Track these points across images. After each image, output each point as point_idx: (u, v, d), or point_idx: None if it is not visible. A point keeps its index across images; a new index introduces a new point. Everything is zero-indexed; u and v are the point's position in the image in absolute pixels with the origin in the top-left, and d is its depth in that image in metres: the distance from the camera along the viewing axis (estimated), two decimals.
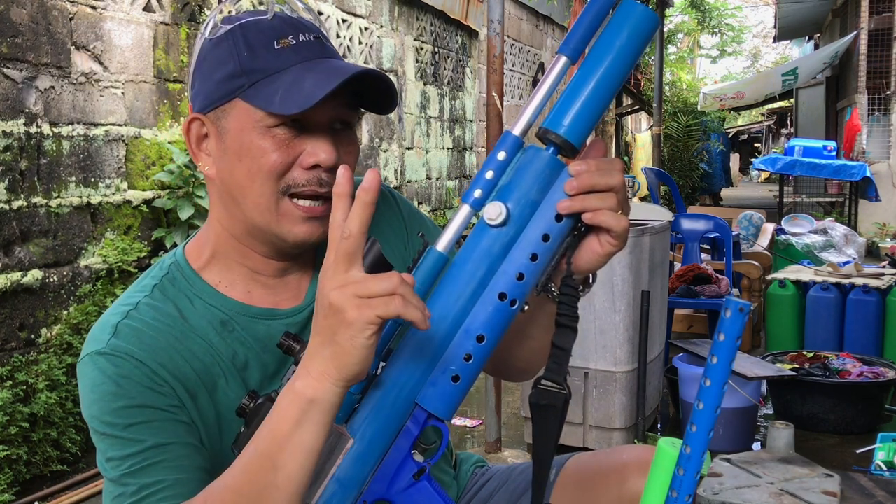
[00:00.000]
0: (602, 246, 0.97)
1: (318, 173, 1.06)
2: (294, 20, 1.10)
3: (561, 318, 0.96)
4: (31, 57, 3.25)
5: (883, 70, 11.29)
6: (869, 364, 3.79)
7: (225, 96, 1.07)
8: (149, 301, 1.10)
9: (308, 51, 1.07)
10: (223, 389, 1.09)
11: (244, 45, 1.06)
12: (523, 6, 9.78)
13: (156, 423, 1.01)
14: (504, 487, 1.35)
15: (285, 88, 1.03)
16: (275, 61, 1.05)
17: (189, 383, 1.06)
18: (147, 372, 1.03)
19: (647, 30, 0.93)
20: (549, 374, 0.94)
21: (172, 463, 1.00)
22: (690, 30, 22.72)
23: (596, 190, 0.93)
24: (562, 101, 0.94)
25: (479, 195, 0.92)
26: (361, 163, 6.11)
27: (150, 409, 1.02)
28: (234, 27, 1.08)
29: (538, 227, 0.93)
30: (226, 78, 1.06)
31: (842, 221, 8.59)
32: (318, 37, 1.09)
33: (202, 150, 1.12)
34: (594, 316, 3.21)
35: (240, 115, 1.06)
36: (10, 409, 2.99)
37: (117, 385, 1.02)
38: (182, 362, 1.06)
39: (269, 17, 1.08)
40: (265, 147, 1.05)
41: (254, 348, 1.12)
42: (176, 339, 1.07)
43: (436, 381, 0.91)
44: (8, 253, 3.15)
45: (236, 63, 1.06)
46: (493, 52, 3.18)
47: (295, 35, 1.07)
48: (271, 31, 1.07)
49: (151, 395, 1.02)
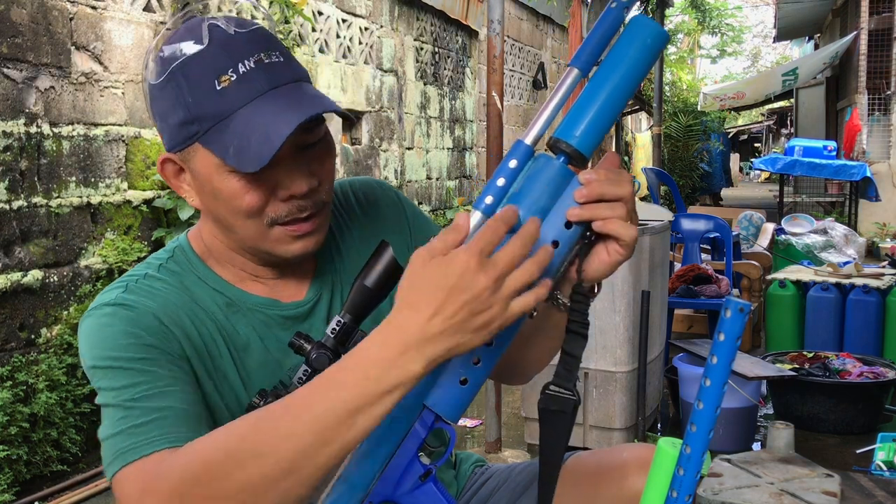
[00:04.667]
0: (610, 255, 0.97)
1: (296, 203, 1.06)
2: (232, 41, 1.03)
3: (572, 325, 0.96)
4: (31, 57, 3.25)
5: (883, 70, 11.29)
6: (869, 364, 3.79)
7: (184, 141, 1.05)
8: (155, 275, 1.11)
9: (250, 85, 1.02)
10: (221, 364, 1.09)
11: (187, 90, 1.02)
12: (523, 6, 9.78)
13: (164, 362, 1.01)
14: (504, 487, 1.35)
15: (237, 142, 1.01)
16: (220, 104, 1.01)
17: (195, 343, 1.07)
18: (157, 323, 1.04)
19: (657, 45, 0.96)
20: (558, 380, 0.94)
21: (180, 396, 0.98)
22: (690, 30, 22.73)
23: (605, 199, 0.94)
24: (573, 112, 0.96)
25: (490, 201, 0.93)
26: (361, 163, 6.11)
27: (159, 350, 1.02)
28: (173, 69, 1.03)
29: (548, 234, 0.94)
30: (179, 124, 1.04)
31: (842, 221, 8.58)
32: (259, 57, 1.03)
33: (182, 183, 1.11)
34: (594, 316, 3.21)
35: (204, 159, 1.05)
36: (10, 409, 2.99)
37: (127, 326, 1.02)
38: (189, 324, 1.07)
39: (204, 46, 1.02)
40: (236, 190, 1.04)
41: (255, 332, 1.13)
42: (185, 304, 1.08)
43: (444, 383, 0.92)
44: (8, 253, 3.15)
45: (185, 110, 1.03)
46: (493, 52, 3.18)
47: (234, 65, 1.02)
48: (210, 68, 1.02)
49: (161, 341, 1.03)
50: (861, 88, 11.31)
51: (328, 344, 0.99)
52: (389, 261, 0.98)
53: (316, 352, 0.97)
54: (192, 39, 1.03)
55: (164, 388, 0.98)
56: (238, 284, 1.15)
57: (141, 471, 0.90)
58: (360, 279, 1.01)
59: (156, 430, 0.94)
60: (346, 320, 1.00)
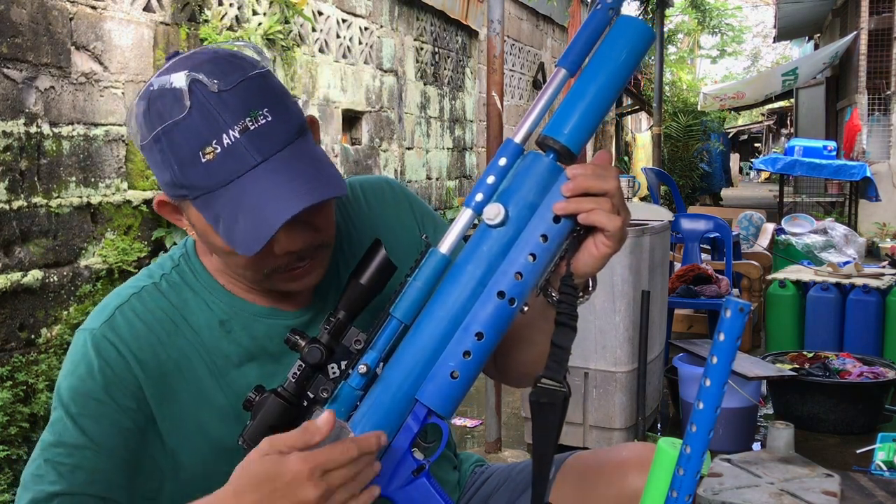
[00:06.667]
0: (598, 248, 0.99)
1: (294, 255, 1.06)
2: (214, 105, 0.97)
3: (560, 317, 0.97)
4: (31, 57, 3.25)
5: (883, 70, 11.29)
6: (869, 364, 3.79)
7: (177, 198, 1.05)
8: (153, 289, 1.13)
9: (235, 162, 0.97)
10: (207, 385, 1.11)
11: (172, 157, 0.99)
12: (523, 6, 9.78)
13: (104, 420, 1.05)
14: (504, 486, 1.35)
15: (226, 219, 0.98)
16: (206, 178, 0.98)
17: (165, 378, 1.09)
18: (123, 365, 1.08)
19: (643, 43, 0.98)
20: (548, 373, 0.95)
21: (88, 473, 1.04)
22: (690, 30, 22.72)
23: (591, 193, 0.96)
24: (561, 110, 0.98)
25: (480, 199, 0.96)
26: (361, 163, 6.11)
27: (106, 405, 1.06)
28: (157, 133, 0.99)
29: (537, 228, 0.96)
30: (170, 184, 1.02)
31: (842, 221, 8.58)
32: (244, 125, 0.97)
33: (181, 219, 1.10)
34: (594, 316, 3.21)
35: (197, 216, 1.04)
36: (10, 409, 2.99)
37: (90, 371, 1.08)
38: (164, 358, 1.10)
39: (185, 112, 0.97)
40: (230, 250, 1.02)
41: (248, 349, 1.13)
42: (167, 334, 1.11)
43: (435, 377, 0.93)
44: (8, 253, 3.15)
45: (172, 174, 1.00)
46: (493, 52, 3.18)
47: (218, 137, 0.97)
48: (193, 138, 0.97)
49: (116, 389, 1.07)
50: (861, 88, 11.30)
51: (322, 339, 0.99)
52: (382, 259, 0.99)
53: (309, 346, 0.98)
54: (174, 99, 0.98)
55: (78, 458, 1.03)
56: (240, 294, 1.15)
57: None
58: (354, 276, 1.01)
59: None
60: (340, 316, 1.01)
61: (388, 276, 1.01)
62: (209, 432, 1.10)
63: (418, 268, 0.96)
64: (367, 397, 0.94)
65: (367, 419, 0.93)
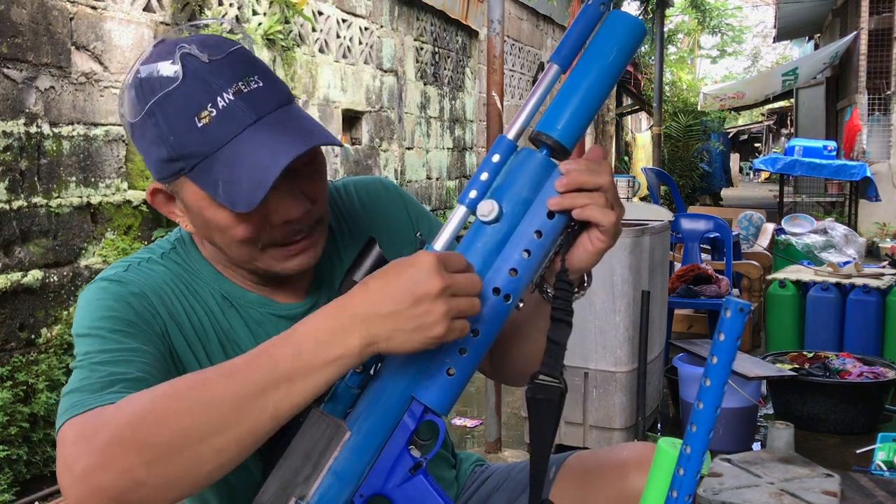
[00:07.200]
0: (593, 243, 0.99)
1: (291, 226, 1.06)
2: (207, 71, 1.00)
3: (556, 313, 0.97)
4: (31, 57, 3.25)
5: (883, 70, 11.29)
6: (869, 364, 3.79)
7: (171, 176, 1.04)
8: (158, 260, 1.14)
9: (232, 121, 0.99)
10: (215, 349, 1.11)
11: (167, 128, 1.00)
12: (523, 6, 9.78)
13: (140, 336, 1.03)
14: (504, 486, 1.35)
15: (225, 179, 0.99)
16: (203, 142, 0.99)
17: (182, 328, 1.09)
18: (146, 302, 1.07)
19: (635, 38, 0.98)
20: (544, 369, 0.95)
21: (142, 366, 1.00)
22: (690, 30, 22.74)
23: (585, 188, 0.96)
24: (554, 105, 0.98)
25: (474, 196, 0.96)
26: (361, 163, 6.11)
27: (138, 326, 1.04)
28: (151, 106, 1.00)
29: (531, 224, 0.96)
30: (164, 161, 1.02)
31: (842, 221, 8.58)
32: (238, 87, 1.00)
33: (174, 210, 1.10)
34: (594, 316, 3.21)
35: (192, 192, 1.04)
36: (10, 409, 2.99)
37: (113, 301, 1.05)
38: (180, 309, 1.10)
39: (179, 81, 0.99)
40: (228, 222, 1.04)
41: (246, 328, 1.14)
42: (181, 292, 1.11)
43: (431, 374, 0.93)
44: (8, 253, 3.15)
45: (167, 147, 1.01)
46: (493, 52, 3.18)
47: (213, 100, 0.99)
48: (188, 104, 0.99)
49: (144, 318, 1.05)
50: (861, 88, 11.30)
51: None
52: (377, 256, 0.99)
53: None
54: (166, 71, 1.00)
55: (129, 357, 0.99)
56: (236, 281, 1.16)
57: (82, 421, 0.89)
58: (348, 274, 1.02)
59: (108, 391, 0.94)
60: None
61: None
62: None
63: None
64: (364, 395, 0.94)
65: (363, 416, 0.92)
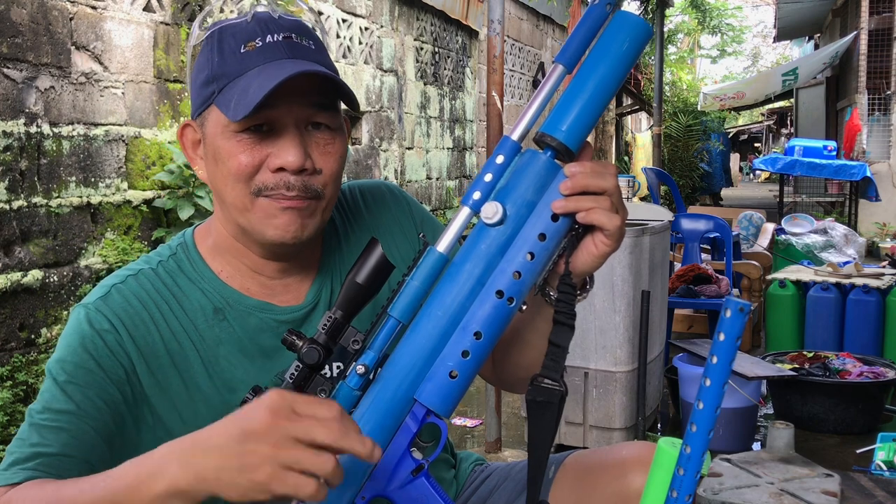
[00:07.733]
0: (597, 246, 0.99)
1: (285, 177, 1.07)
2: (271, 21, 1.09)
3: (558, 316, 0.97)
4: (31, 57, 3.25)
5: (883, 70, 11.29)
6: (869, 364, 3.79)
7: (203, 103, 1.10)
8: (151, 273, 1.15)
9: (271, 52, 1.07)
10: (196, 371, 1.12)
11: (217, 51, 1.09)
12: (523, 6, 9.78)
13: (92, 387, 1.06)
14: (503, 485, 1.35)
15: (238, 94, 1.04)
16: (238, 65, 1.07)
17: (157, 358, 1.10)
18: (115, 337, 1.09)
19: (640, 39, 0.97)
20: (545, 372, 0.94)
21: (69, 438, 1.03)
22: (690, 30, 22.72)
23: (590, 191, 0.95)
24: (559, 107, 0.97)
25: (477, 197, 0.95)
26: (361, 163, 6.11)
27: (94, 374, 1.06)
28: (212, 32, 1.10)
29: (535, 227, 0.95)
30: (203, 84, 1.09)
31: (842, 221, 8.58)
32: (290, 35, 1.08)
33: (197, 154, 1.15)
34: (594, 316, 3.21)
35: (214, 120, 1.09)
36: (10, 409, 2.99)
37: (80, 346, 1.07)
38: (156, 338, 1.11)
39: (247, 20, 1.09)
40: (233, 151, 1.07)
41: (241, 340, 1.14)
42: (161, 315, 1.12)
43: (433, 377, 0.92)
44: (8, 253, 3.15)
45: (210, 69, 1.08)
46: (493, 52, 3.18)
47: (263, 36, 1.07)
48: (242, 35, 1.08)
49: (104, 364, 1.07)
50: (861, 88, 11.30)
51: (320, 340, 0.98)
52: (379, 258, 0.98)
53: (307, 346, 0.97)
54: (238, 13, 1.11)
55: (63, 424, 1.03)
56: (235, 284, 1.15)
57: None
58: (350, 275, 1.01)
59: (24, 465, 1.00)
60: (337, 316, 1.01)
61: (385, 276, 1.01)
62: (196, 420, 1.09)
63: (416, 267, 0.95)
64: (366, 397, 0.94)
65: (365, 419, 0.92)
